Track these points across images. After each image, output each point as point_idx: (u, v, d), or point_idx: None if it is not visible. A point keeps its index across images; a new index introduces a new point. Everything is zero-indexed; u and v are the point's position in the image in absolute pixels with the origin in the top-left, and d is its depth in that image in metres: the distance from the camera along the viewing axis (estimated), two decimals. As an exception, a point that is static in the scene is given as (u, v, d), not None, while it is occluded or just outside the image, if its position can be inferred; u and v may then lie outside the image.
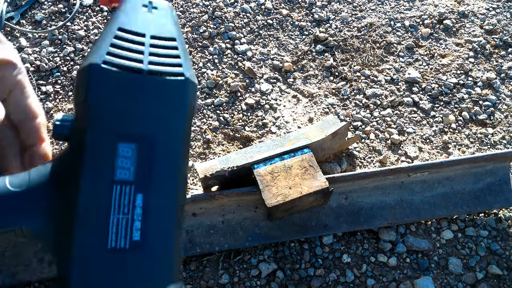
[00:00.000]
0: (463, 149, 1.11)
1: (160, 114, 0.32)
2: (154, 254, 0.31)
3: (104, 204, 0.30)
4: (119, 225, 0.30)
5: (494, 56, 1.31)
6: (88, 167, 0.30)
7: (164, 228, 0.31)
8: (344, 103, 1.17)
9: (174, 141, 0.32)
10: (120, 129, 0.31)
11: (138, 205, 0.30)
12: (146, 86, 0.31)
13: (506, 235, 0.97)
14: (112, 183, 0.30)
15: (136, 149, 0.31)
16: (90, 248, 0.29)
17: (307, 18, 1.36)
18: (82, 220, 0.29)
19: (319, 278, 0.88)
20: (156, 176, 0.31)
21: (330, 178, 0.85)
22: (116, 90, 0.30)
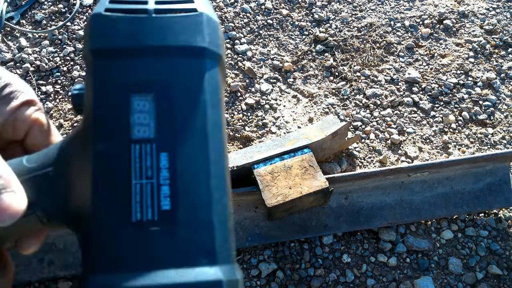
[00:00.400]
0: (463, 149, 1.11)
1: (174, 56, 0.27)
2: (188, 225, 0.25)
3: (121, 168, 0.25)
4: (143, 193, 0.25)
5: (494, 56, 1.31)
6: (98, 128, 0.26)
7: (201, 193, 0.26)
8: (344, 103, 1.17)
9: (197, 85, 0.27)
10: (130, 79, 0.26)
11: (164, 166, 0.25)
12: (154, 27, 0.27)
13: (506, 235, 0.97)
14: (129, 143, 0.25)
15: (154, 101, 0.26)
16: (111, 222, 0.25)
17: (307, 18, 1.36)
18: (99, 190, 0.25)
19: (319, 278, 0.88)
20: (181, 129, 0.26)
21: (330, 178, 0.85)
22: (121, 36, 0.27)
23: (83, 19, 1.30)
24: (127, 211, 0.24)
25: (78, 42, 1.25)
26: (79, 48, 1.23)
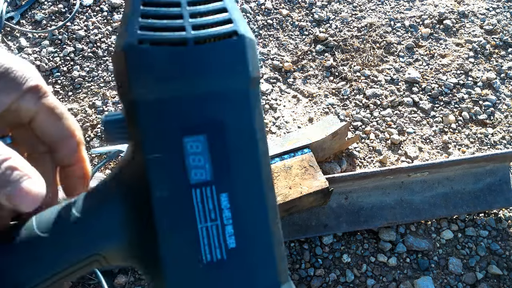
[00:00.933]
0: (463, 149, 1.11)
1: (220, 90, 0.25)
2: (254, 257, 0.26)
3: (186, 214, 0.25)
4: (210, 235, 0.25)
5: (494, 56, 1.31)
6: (154, 174, 0.25)
7: (260, 227, 0.26)
8: (344, 103, 1.17)
9: (246, 120, 0.26)
10: (180, 121, 0.25)
11: (225, 206, 0.26)
12: (195, 59, 0.25)
13: (506, 235, 0.97)
14: (189, 188, 0.25)
15: (206, 141, 0.25)
16: (184, 267, 0.25)
17: (307, 18, 1.36)
18: (166, 238, 0.25)
19: (319, 278, 0.88)
20: (237, 168, 0.26)
21: (330, 178, 0.85)
22: (162, 73, 0.24)
23: (83, 19, 1.30)
24: (197, 254, 0.25)
25: (78, 42, 1.25)
26: (79, 48, 1.23)
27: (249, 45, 0.26)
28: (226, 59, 0.25)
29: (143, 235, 0.26)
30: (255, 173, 0.26)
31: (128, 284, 0.86)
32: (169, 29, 0.24)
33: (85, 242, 0.26)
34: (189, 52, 0.24)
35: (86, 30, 1.27)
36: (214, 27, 0.25)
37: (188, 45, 0.24)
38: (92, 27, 1.28)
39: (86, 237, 0.26)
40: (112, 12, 1.33)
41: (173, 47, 0.24)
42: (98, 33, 1.27)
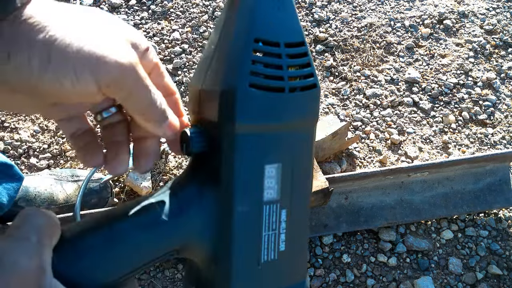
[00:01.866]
0: (463, 149, 1.11)
1: (298, 128, 0.32)
2: (295, 258, 0.34)
3: (257, 224, 0.31)
4: (269, 241, 0.32)
5: (494, 56, 1.31)
6: (240, 192, 0.30)
7: (301, 233, 0.34)
8: (344, 103, 1.17)
9: (309, 150, 0.33)
10: (266, 151, 0.30)
11: (283, 220, 0.32)
12: (287, 104, 0.30)
13: (506, 235, 0.97)
14: (262, 204, 0.31)
15: (280, 168, 0.31)
16: (247, 265, 0.31)
17: (307, 18, 1.36)
18: (239, 242, 0.31)
19: (319, 278, 0.88)
20: (296, 189, 0.32)
21: (330, 178, 0.85)
22: (262, 112, 0.29)
23: (83, 19, 1.30)
24: (258, 255, 0.32)
25: (78, 42, 1.25)
26: (79, 48, 1.23)
27: (319, 94, 0.33)
28: (307, 105, 0.31)
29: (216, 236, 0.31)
30: (305, 195, 0.34)
31: (128, 284, 0.86)
32: (272, 77, 0.29)
33: (168, 242, 0.31)
34: (284, 98, 0.30)
35: (86, 30, 1.27)
36: (303, 79, 0.31)
37: (285, 92, 0.30)
38: (92, 27, 1.28)
39: (170, 235, 0.31)
40: (112, 12, 1.33)
41: (272, 92, 0.29)
42: (98, 33, 1.27)
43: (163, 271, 0.87)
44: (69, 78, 0.24)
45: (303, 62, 0.31)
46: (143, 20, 1.31)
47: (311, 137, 0.33)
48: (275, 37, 0.30)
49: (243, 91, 0.28)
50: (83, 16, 0.27)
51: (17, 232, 0.25)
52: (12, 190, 0.80)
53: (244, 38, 0.29)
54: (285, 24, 0.30)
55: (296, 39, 0.31)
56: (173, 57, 1.22)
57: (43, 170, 0.99)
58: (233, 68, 0.29)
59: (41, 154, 1.03)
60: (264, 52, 0.29)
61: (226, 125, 0.29)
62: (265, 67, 0.29)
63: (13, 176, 0.81)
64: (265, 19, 0.30)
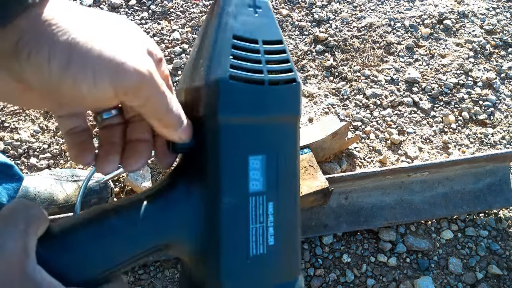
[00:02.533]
0: (463, 149, 1.11)
1: (280, 122, 0.33)
2: (285, 253, 0.34)
3: (243, 216, 0.32)
4: (257, 234, 0.32)
5: (494, 56, 1.31)
6: (226, 183, 0.31)
7: (291, 229, 0.34)
8: (344, 103, 1.17)
9: (293, 145, 0.34)
10: (249, 143, 0.31)
11: (270, 213, 0.33)
12: (268, 96, 0.32)
13: (506, 235, 0.97)
14: (248, 196, 0.32)
15: (264, 160, 0.32)
16: (236, 259, 0.31)
17: (307, 18, 1.36)
18: (226, 235, 0.31)
19: (319, 278, 0.88)
20: (282, 182, 0.33)
21: (330, 178, 0.85)
22: (243, 104, 0.31)
23: (83, 19, 1.30)
24: (247, 248, 0.32)
25: (78, 42, 1.25)
26: (79, 48, 1.23)
27: (300, 90, 0.34)
28: (287, 99, 0.33)
29: (204, 230, 0.32)
30: (292, 189, 0.34)
31: (128, 284, 0.86)
32: (251, 70, 0.31)
33: (154, 236, 0.31)
34: (265, 91, 0.32)
35: (86, 30, 1.27)
36: (281, 74, 0.32)
37: (264, 85, 0.31)
38: (92, 27, 1.28)
39: (157, 230, 0.31)
40: (112, 12, 1.33)
41: (253, 85, 0.31)
42: (98, 33, 1.27)
43: (163, 271, 0.87)
44: (87, 82, 0.25)
45: (282, 59, 0.33)
46: (143, 20, 1.31)
47: (294, 133, 0.34)
48: (253, 35, 0.32)
49: (224, 83, 0.30)
50: (103, 21, 0.27)
51: (5, 219, 0.27)
52: (12, 190, 0.80)
53: (224, 36, 0.31)
54: (262, 25, 0.33)
55: (274, 38, 0.33)
56: (173, 57, 1.22)
57: (43, 170, 0.99)
58: (214, 63, 0.31)
59: (41, 154, 1.03)
60: (243, 48, 0.31)
61: (210, 118, 0.31)
62: (244, 61, 0.31)
63: (13, 176, 0.81)
64: (243, 20, 0.33)
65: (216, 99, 0.30)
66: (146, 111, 0.29)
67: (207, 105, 0.31)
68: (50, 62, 0.24)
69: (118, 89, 0.26)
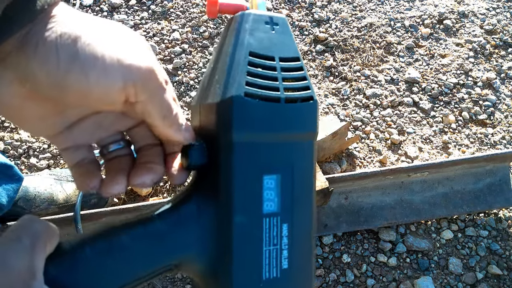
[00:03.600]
0: (463, 149, 1.11)
1: (296, 141, 0.32)
2: (299, 277, 0.32)
3: (257, 238, 0.31)
4: (270, 257, 0.31)
5: (494, 56, 1.31)
6: (238, 202, 0.30)
7: (305, 253, 0.33)
8: (344, 103, 1.17)
9: (309, 165, 0.33)
10: (263, 162, 0.31)
11: (285, 235, 0.31)
12: (284, 114, 0.31)
13: (506, 235, 0.97)
14: (262, 217, 0.31)
15: (279, 179, 0.31)
16: (249, 282, 0.30)
17: (307, 18, 1.36)
18: (239, 256, 0.30)
19: (319, 278, 0.88)
20: (297, 203, 0.32)
21: (330, 178, 0.85)
22: (258, 122, 0.30)
23: (83, 19, 1.30)
24: (260, 271, 0.31)
25: (78, 42, 1.25)
26: (79, 48, 1.23)
27: (318, 108, 0.33)
28: (304, 117, 0.32)
29: (216, 251, 0.31)
30: (309, 208, 0.33)
31: (128, 284, 0.86)
32: (267, 88, 0.31)
33: (165, 255, 0.30)
34: (281, 109, 0.31)
35: (86, 30, 1.27)
36: (298, 92, 0.32)
37: (280, 103, 0.31)
38: (92, 27, 1.28)
39: (168, 249, 0.30)
40: (112, 12, 1.33)
41: (268, 102, 0.30)
42: (98, 33, 1.27)
43: (163, 271, 0.87)
44: (97, 72, 0.24)
45: (299, 76, 0.32)
46: (143, 20, 1.31)
47: (311, 152, 0.33)
48: (269, 52, 0.32)
49: (239, 100, 0.29)
50: (105, 23, 0.28)
51: (11, 234, 0.25)
52: (11, 190, 0.80)
53: (240, 53, 0.31)
54: (279, 42, 0.33)
55: (291, 55, 0.33)
56: (173, 57, 1.22)
57: (43, 170, 0.99)
58: (229, 80, 0.30)
59: (41, 154, 1.03)
60: (260, 66, 0.31)
61: (224, 135, 0.30)
62: (260, 79, 0.31)
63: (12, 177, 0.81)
64: (260, 37, 0.32)
65: (231, 116, 0.29)
66: (152, 107, 0.28)
67: (221, 122, 0.30)
68: (58, 51, 0.24)
69: (128, 81, 0.26)
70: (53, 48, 0.24)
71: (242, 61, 0.31)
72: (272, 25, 0.33)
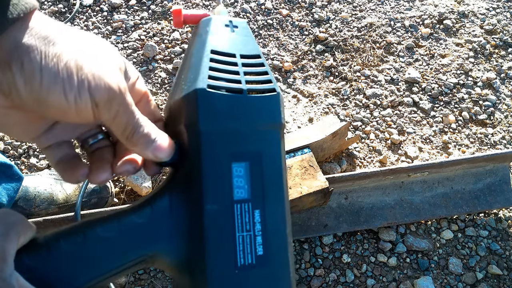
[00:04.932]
0: (463, 149, 1.11)
1: (262, 130, 0.33)
2: (275, 264, 0.33)
3: (229, 224, 0.31)
4: (244, 243, 0.31)
5: (494, 56, 1.31)
6: (209, 190, 0.31)
7: (280, 239, 0.33)
8: (344, 103, 1.17)
9: (277, 154, 0.34)
10: (231, 150, 0.32)
11: (257, 221, 0.32)
12: (247, 105, 0.32)
13: (506, 235, 0.97)
14: (233, 203, 0.31)
15: (248, 167, 0.32)
16: (223, 268, 0.31)
17: (307, 18, 1.36)
18: (212, 243, 0.30)
19: (319, 278, 0.88)
20: (267, 190, 0.33)
21: (330, 178, 0.85)
22: (223, 112, 0.32)
23: (83, 19, 1.30)
24: (234, 258, 0.31)
25: (78, 42, 1.25)
26: (79, 48, 1.23)
27: (281, 100, 0.35)
28: (267, 108, 0.34)
29: (189, 241, 0.31)
30: (280, 196, 0.34)
31: (128, 284, 0.86)
32: (230, 80, 0.32)
33: (139, 245, 0.31)
34: (243, 99, 0.32)
35: (86, 30, 1.27)
36: (260, 84, 0.34)
37: (243, 94, 0.32)
38: (92, 27, 1.28)
39: (141, 240, 0.31)
40: (112, 12, 1.33)
41: (231, 94, 0.32)
42: (98, 33, 1.27)
43: (163, 271, 0.87)
44: (74, 93, 0.26)
45: (260, 71, 0.34)
46: (143, 20, 1.31)
47: (278, 141, 0.34)
48: (230, 50, 0.34)
49: (203, 92, 0.31)
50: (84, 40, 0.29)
51: None
52: (11, 190, 0.80)
53: (203, 51, 0.33)
54: (240, 42, 0.35)
55: (252, 53, 0.35)
56: (173, 57, 1.22)
57: (43, 170, 0.99)
58: (194, 75, 0.33)
59: (41, 154, 1.03)
60: (221, 61, 0.33)
61: (191, 128, 0.32)
62: (222, 73, 0.33)
63: (12, 176, 0.81)
64: (221, 37, 0.35)
65: (196, 107, 0.31)
66: (114, 128, 0.30)
67: (188, 115, 0.32)
68: (42, 71, 0.26)
69: (96, 100, 0.27)
70: (37, 69, 0.25)
71: (204, 58, 0.33)
72: (232, 27, 0.36)
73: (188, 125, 0.32)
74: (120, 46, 1.24)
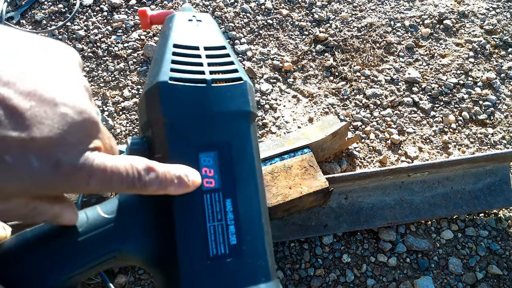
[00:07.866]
0: (463, 149, 1.11)
1: (230, 119, 0.33)
2: (250, 254, 0.32)
3: (199, 215, 0.31)
4: (216, 233, 0.31)
5: (494, 56, 1.31)
6: None
7: (255, 228, 0.33)
8: (344, 103, 1.17)
9: (247, 143, 0.34)
10: (197, 140, 0.32)
11: (229, 210, 0.32)
12: (213, 94, 0.32)
13: (506, 235, 0.97)
14: (202, 193, 0.31)
15: (216, 157, 0.32)
16: (195, 259, 0.30)
17: (307, 18, 1.36)
18: (182, 234, 0.30)
19: (319, 278, 0.88)
20: (239, 179, 0.32)
21: (330, 178, 0.85)
22: (187, 103, 0.31)
23: (83, 19, 1.30)
24: (206, 248, 0.30)
25: (78, 42, 1.25)
26: (79, 48, 1.23)
27: (249, 88, 0.35)
28: (234, 97, 0.33)
29: (160, 235, 0.31)
30: (253, 184, 0.33)
31: (128, 284, 0.86)
32: (193, 72, 0.32)
33: (107, 241, 0.31)
34: (208, 90, 0.32)
35: (86, 30, 1.27)
36: (226, 74, 0.33)
37: (207, 84, 0.32)
38: (92, 27, 1.28)
39: (109, 236, 0.31)
40: (112, 12, 1.33)
41: (195, 85, 0.32)
42: (98, 33, 1.27)
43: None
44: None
45: (225, 61, 0.34)
46: (143, 20, 1.31)
47: (248, 130, 0.34)
48: (193, 43, 0.34)
49: (165, 85, 0.31)
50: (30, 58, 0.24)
51: None
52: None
53: (165, 47, 0.34)
54: (204, 34, 0.36)
55: (216, 44, 0.35)
56: (173, 57, 1.22)
57: (43, 170, 0.98)
58: (156, 70, 0.33)
59: (41, 154, 1.02)
60: (184, 55, 0.33)
61: (155, 121, 0.32)
62: (185, 65, 0.33)
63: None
64: (184, 31, 0.35)
65: (159, 100, 0.31)
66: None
67: (152, 109, 0.32)
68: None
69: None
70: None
71: (167, 53, 0.33)
72: (195, 22, 0.36)
73: (153, 118, 0.32)
74: (120, 46, 1.24)
